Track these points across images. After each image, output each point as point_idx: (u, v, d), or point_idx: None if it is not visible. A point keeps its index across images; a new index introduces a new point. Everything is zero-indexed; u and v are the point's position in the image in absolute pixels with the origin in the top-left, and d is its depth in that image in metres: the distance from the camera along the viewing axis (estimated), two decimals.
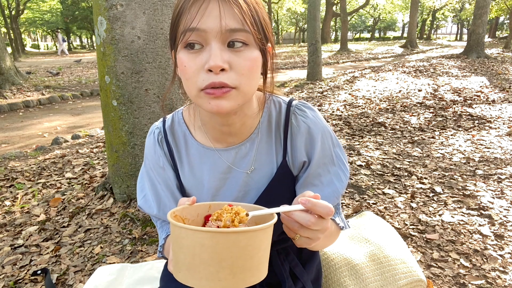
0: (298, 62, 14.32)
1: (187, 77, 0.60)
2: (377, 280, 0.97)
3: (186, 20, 0.58)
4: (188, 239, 0.46)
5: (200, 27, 0.57)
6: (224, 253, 0.45)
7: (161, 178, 0.78)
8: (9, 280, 1.72)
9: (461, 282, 1.60)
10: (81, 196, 2.56)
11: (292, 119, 0.75)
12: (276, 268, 0.83)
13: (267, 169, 0.76)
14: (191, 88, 0.61)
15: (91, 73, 12.54)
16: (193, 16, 0.57)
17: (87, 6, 28.38)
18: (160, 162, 0.77)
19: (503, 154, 3.20)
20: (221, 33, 0.57)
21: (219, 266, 0.45)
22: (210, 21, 0.56)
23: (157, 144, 0.78)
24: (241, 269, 0.46)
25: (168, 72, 2.20)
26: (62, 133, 4.91)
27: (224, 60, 0.57)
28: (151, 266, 1.20)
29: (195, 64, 0.59)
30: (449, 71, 8.99)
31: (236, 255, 0.45)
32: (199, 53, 0.59)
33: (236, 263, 0.46)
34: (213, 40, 0.57)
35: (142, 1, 2.04)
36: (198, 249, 0.45)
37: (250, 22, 0.58)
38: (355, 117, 4.90)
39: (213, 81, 0.57)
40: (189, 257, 0.46)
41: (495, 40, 24.54)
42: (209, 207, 0.60)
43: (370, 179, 2.76)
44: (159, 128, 0.79)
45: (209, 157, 0.75)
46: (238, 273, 0.46)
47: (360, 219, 1.27)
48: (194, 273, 0.46)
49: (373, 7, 36.87)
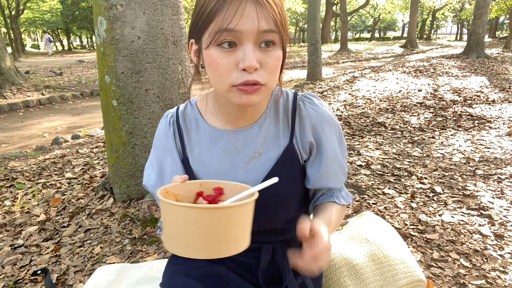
0: (298, 62, 14.32)
1: (219, 73, 0.63)
2: (377, 280, 0.97)
3: (222, 19, 0.59)
4: (171, 212, 0.51)
5: (237, 29, 0.59)
6: (199, 226, 0.50)
7: (167, 158, 0.81)
8: (9, 280, 1.72)
9: (461, 282, 1.60)
10: (81, 196, 2.56)
11: (300, 105, 0.80)
12: (279, 260, 0.84)
13: (274, 153, 0.78)
14: (222, 83, 0.64)
15: (91, 73, 12.54)
16: (230, 16, 0.59)
17: (87, 6, 28.38)
18: (168, 144, 0.81)
19: (503, 154, 3.20)
20: (257, 34, 0.60)
21: (196, 237, 0.50)
22: (247, 23, 0.59)
23: (167, 126, 0.82)
24: (215, 241, 0.51)
25: (168, 72, 2.21)
26: (62, 133, 4.91)
27: (256, 60, 0.61)
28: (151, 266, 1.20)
29: (228, 62, 0.62)
30: (449, 71, 8.99)
31: (210, 229, 0.50)
32: (232, 52, 0.61)
33: (211, 236, 0.50)
34: (248, 41, 0.60)
35: (142, 1, 2.04)
36: (179, 222, 0.51)
37: (280, 23, 0.62)
38: (355, 117, 4.90)
39: (248, 79, 0.61)
40: (172, 228, 0.52)
41: (495, 40, 24.54)
42: (201, 185, 0.65)
43: (370, 179, 2.76)
44: (173, 113, 0.84)
45: (218, 139, 0.79)
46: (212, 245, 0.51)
47: (360, 219, 1.27)
48: (177, 243, 0.52)
49: (373, 7, 36.87)
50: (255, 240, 0.84)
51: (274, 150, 0.78)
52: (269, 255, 0.83)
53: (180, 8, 2.25)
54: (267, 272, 0.84)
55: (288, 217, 0.83)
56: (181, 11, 2.25)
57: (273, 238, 0.84)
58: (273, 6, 0.61)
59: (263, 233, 0.83)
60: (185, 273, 0.83)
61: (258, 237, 0.83)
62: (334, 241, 1.10)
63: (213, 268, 0.83)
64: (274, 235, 0.84)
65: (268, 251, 0.83)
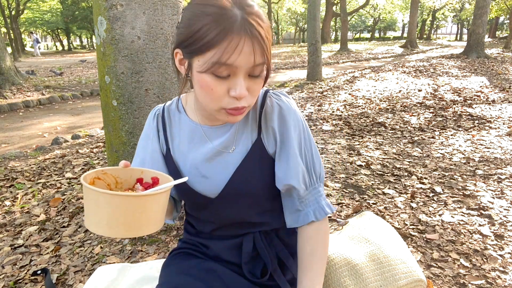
0: (298, 62, 14.32)
1: (211, 97, 0.68)
2: (377, 280, 0.97)
3: (222, 54, 0.62)
4: (88, 195, 0.59)
5: (235, 65, 0.64)
6: (105, 209, 0.57)
7: (148, 147, 0.88)
8: (9, 280, 1.72)
9: (461, 282, 1.60)
10: (81, 196, 2.56)
11: (267, 101, 0.83)
12: (260, 248, 0.86)
13: (243, 147, 0.82)
14: (212, 105, 0.70)
15: (91, 73, 12.54)
16: (230, 52, 0.62)
17: (87, 6, 28.38)
18: (151, 134, 0.88)
19: (503, 154, 3.20)
20: (250, 68, 0.66)
21: (105, 218, 0.58)
22: (244, 59, 0.63)
23: (152, 119, 0.89)
24: (118, 223, 0.58)
25: (168, 72, 2.20)
26: (62, 133, 4.91)
27: (246, 88, 0.67)
28: (151, 266, 1.20)
29: (221, 89, 0.67)
30: (449, 71, 8.99)
31: (117, 212, 0.57)
32: (225, 80, 0.66)
33: (116, 217, 0.58)
34: (242, 73, 0.66)
35: (142, 1, 2.04)
36: (92, 203, 0.58)
37: (268, 51, 0.66)
38: (355, 117, 4.90)
39: (237, 106, 0.68)
40: (88, 209, 0.60)
41: (495, 40, 24.54)
42: (142, 172, 0.73)
43: (370, 179, 2.76)
44: (159, 106, 0.90)
45: (195, 133, 0.84)
46: (117, 225, 0.58)
47: (360, 219, 1.27)
48: (91, 222, 0.59)
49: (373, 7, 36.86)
50: (235, 232, 0.87)
51: (244, 144, 0.82)
52: (250, 245, 0.86)
53: (180, 8, 2.25)
54: (256, 267, 0.86)
55: (262, 209, 0.86)
56: (181, 11, 2.26)
57: (252, 229, 0.87)
58: (265, 38, 0.64)
59: (240, 226, 0.86)
60: (180, 271, 0.84)
61: (236, 229, 0.87)
62: (334, 241, 1.10)
63: (207, 264, 0.85)
64: (252, 227, 0.87)
65: (248, 242, 0.86)
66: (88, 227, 0.61)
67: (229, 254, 0.87)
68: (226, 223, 0.87)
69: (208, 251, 0.90)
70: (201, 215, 0.89)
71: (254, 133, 0.82)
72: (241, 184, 0.80)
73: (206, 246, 0.90)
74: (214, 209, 0.84)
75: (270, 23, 0.69)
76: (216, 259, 0.88)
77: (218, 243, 0.89)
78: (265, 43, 0.64)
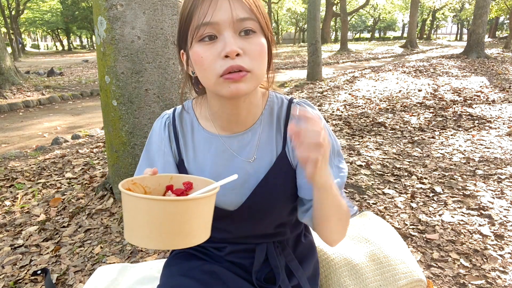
0: (298, 62, 14.33)
1: (204, 67, 0.65)
2: (377, 280, 0.97)
3: (198, 16, 0.63)
4: (129, 203, 0.52)
5: (213, 21, 0.62)
6: (154, 217, 0.50)
7: (159, 159, 0.81)
8: (9, 280, 1.72)
9: (461, 282, 1.60)
10: (81, 196, 2.56)
11: (292, 111, 0.79)
12: (272, 260, 0.84)
13: (267, 159, 0.79)
14: (210, 76, 0.65)
15: (91, 73, 12.54)
16: (205, 11, 0.62)
17: (87, 6, 28.39)
18: (162, 146, 0.81)
19: (503, 154, 3.20)
20: (233, 22, 0.63)
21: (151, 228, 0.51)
22: (221, 14, 0.62)
23: (163, 128, 0.82)
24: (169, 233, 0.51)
25: (168, 72, 2.21)
26: (62, 133, 4.91)
27: (238, 47, 0.63)
28: (151, 266, 1.20)
29: (211, 53, 0.63)
30: (449, 71, 8.99)
31: (164, 220, 0.50)
32: (214, 44, 0.64)
33: (165, 227, 0.51)
34: (226, 30, 0.63)
35: (142, 1, 2.04)
36: (135, 212, 0.51)
37: (257, 11, 0.65)
38: (355, 117, 4.90)
39: (231, 65, 0.62)
40: (129, 218, 0.53)
41: (495, 40, 24.54)
42: (171, 178, 0.66)
43: (370, 179, 2.76)
44: (168, 114, 0.84)
45: (213, 143, 0.79)
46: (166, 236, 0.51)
47: (360, 219, 1.28)
48: (133, 232, 0.53)
49: (373, 7, 36.87)
50: (249, 241, 0.84)
51: (268, 156, 0.79)
52: (262, 255, 0.84)
53: (180, 8, 2.25)
54: (262, 272, 0.85)
55: (280, 222, 0.83)
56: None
57: (266, 240, 0.85)
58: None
59: (254, 238, 0.84)
60: (182, 273, 0.83)
61: (251, 239, 0.84)
62: None
63: (210, 267, 0.83)
64: (267, 238, 0.85)
65: (261, 251, 0.84)
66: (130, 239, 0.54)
67: (238, 258, 0.85)
68: (241, 235, 0.84)
69: (213, 254, 0.88)
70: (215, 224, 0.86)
71: (279, 145, 0.79)
72: (263, 198, 0.77)
73: (216, 249, 0.87)
74: (231, 221, 0.81)
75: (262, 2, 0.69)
76: (220, 261, 0.86)
77: (228, 247, 0.86)
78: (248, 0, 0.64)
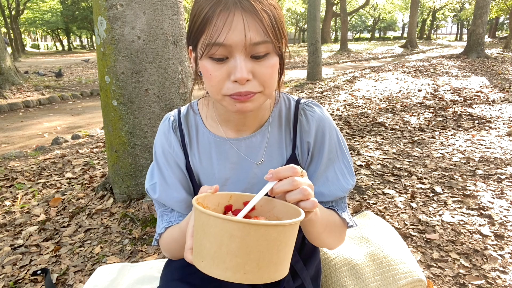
0: (298, 62, 14.32)
1: (212, 84, 0.63)
2: (377, 280, 0.97)
3: (211, 33, 0.59)
4: (217, 228, 0.45)
5: (226, 43, 0.58)
6: (253, 245, 0.44)
7: (170, 165, 0.78)
8: (9, 280, 1.72)
9: (461, 282, 1.60)
10: (81, 196, 2.56)
11: (302, 114, 0.79)
12: None
13: (276, 162, 0.78)
14: (215, 93, 0.64)
15: (91, 73, 12.54)
16: (218, 30, 0.58)
17: (87, 6, 28.38)
18: (172, 148, 0.78)
19: (503, 154, 3.20)
20: (246, 47, 0.59)
21: (246, 258, 0.44)
22: (235, 36, 0.58)
23: (171, 131, 0.79)
24: (267, 263, 0.46)
25: (168, 72, 2.21)
26: (62, 133, 4.91)
27: (248, 71, 0.60)
28: (151, 266, 1.20)
29: (221, 74, 0.61)
30: (449, 71, 8.99)
31: (264, 248, 0.45)
32: (224, 64, 0.61)
33: (263, 256, 0.45)
34: (238, 53, 0.60)
35: (142, 1, 2.04)
36: (227, 239, 0.44)
37: (272, 33, 0.60)
38: (355, 117, 4.90)
39: (239, 91, 0.61)
40: (215, 247, 0.45)
41: (495, 40, 24.54)
42: (230, 197, 0.60)
43: (370, 179, 2.76)
44: (174, 116, 0.81)
45: (219, 147, 0.78)
46: (264, 267, 0.46)
47: (360, 219, 1.28)
48: (220, 263, 0.45)
49: (373, 7, 36.86)
50: None
51: (277, 159, 0.78)
52: None
53: (180, 8, 2.25)
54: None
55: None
56: (181, 11, 2.26)
57: None
58: (263, 14, 0.59)
59: None
60: (181, 278, 0.82)
61: None
62: None
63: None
64: None
65: None
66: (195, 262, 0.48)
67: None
68: None
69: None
70: None
71: (289, 148, 0.78)
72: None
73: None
74: None
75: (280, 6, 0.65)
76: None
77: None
78: (264, 19, 0.58)
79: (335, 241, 0.77)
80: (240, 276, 0.45)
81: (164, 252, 0.81)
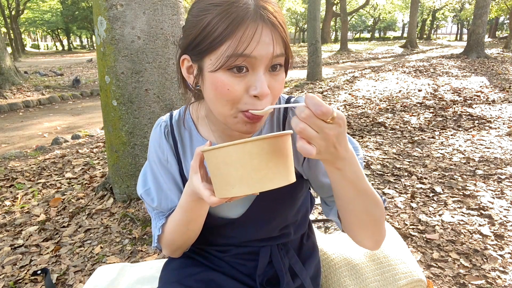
0: (298, 62, 14.32)
1: (227, 99, 0.59)
2: (377, 280, 0.97)
3: (238, 44, 0.55)
4: (238, 153, 0.51)
5: (253, 55, 0.56)
6: (269, 156, 0.51)
7: (164, 171, 0.78)
8: (9, 280, 1.72)
9: (461, 282, 1.60)
10: (81, 196, 2.56)
11: (290, 114, 0.77)
12: (276, 263, 0.83)
13: None
14: (227, 108, 0.61)
15: (91, 73, 12.54)
16: (247, 41, 0.55)
17: (87, 6, 28.38)
18: (165, 155, 0.78)
19: (503, 154, 3.20)
20: (270, 59, 0.58)
21: (267, 168, 0.51)
22: (263, 48, 0.56)
23: (163, 137, 0.78)
24: (283, 167, 0.53)
25: (168, 72, 2.21)
26: (62, 133, 4.91)
27: (268, 85, 0.59)
28: (151, 266, 1.20)
29: (240, 88, 0.58)
30: (449, 71, 8.99)
31: (278, 156, 0.52)
32: (244, 77, 0.58)
33: (279, 162, 0.52)
34: (261, 67, 0.58)
35: (142, 1, 2.04)
36: (248, 158, 0.51)
37: (287, 42, 0.60)
38: (355, 117, 4.90)
39: (257, 106, 0.59)
40: (241, 169, 0.51)
41: (495, 40, 24.54)
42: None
43: (370, 179, 2.76)
44: (166, 121, 0.79)
45: None
46: (282, 171, 0.53)
47: None
48: (249, 181, 0.52)
49: (373, 7, 36.85)
50: (253, 245, 0.83)
51: None
52: (266, 258, 0.83)
53: (180, 8, 2.25)
54: (265, 274, 0.84)
55: (285, 223, 0.82)
56: (181, 11, 2.26)
57: (270, 242, 0.84)
58: (284, 28, 0.59)
59: (259, 241, 0.82)
60: (179, 280, 0.81)
61: (255, 242, 0.83)
62: (334, 241, 1.10)
63: (208, 275, 0.82)
64: (271, 240, 0.84)
65: (265, 254, 0.83)
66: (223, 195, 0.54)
67: (241, 261, 0.84)
68: (245, 239, 0.82)
69: (215, 258, 0.86)
70: (218, 231, 0.83)
71: None
72: (269, 203, 0.75)
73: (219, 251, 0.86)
74: (234, 228, 0.80)
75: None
76: (221, 265, 0.84)
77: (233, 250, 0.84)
78: (284, 31, 0.58)
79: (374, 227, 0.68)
80: (266, 184, 0.52)
81: (166, 248, 0.81)
